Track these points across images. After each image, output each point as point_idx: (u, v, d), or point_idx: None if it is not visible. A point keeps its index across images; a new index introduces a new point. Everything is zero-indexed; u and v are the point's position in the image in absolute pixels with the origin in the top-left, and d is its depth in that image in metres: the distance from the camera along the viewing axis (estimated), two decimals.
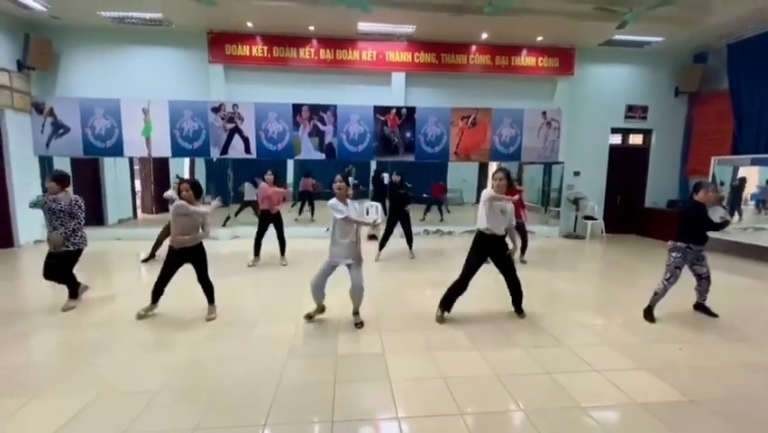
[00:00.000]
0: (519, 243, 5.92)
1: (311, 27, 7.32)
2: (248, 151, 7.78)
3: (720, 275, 5.81)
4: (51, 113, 7.31)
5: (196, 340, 3.35)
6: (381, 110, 7.99)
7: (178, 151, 7.67)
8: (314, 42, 7.71)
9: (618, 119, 8.74)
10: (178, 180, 5.17)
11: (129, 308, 3.86)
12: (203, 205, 3.82)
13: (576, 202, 8.63)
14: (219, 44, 7.55)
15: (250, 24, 7.23)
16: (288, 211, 8.79)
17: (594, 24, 6.86)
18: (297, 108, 7.79)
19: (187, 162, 8.96)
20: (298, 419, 2.33)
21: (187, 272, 3.81)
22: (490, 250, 3.75)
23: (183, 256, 3.74)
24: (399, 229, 6.36)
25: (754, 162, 7.03)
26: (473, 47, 8.05)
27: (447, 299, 3.79)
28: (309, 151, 7.93)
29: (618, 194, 8.98)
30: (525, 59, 8.19)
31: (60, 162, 7.57)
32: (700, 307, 4.05)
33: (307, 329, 3.58)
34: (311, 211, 9.10)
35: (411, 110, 8.05)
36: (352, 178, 8.84)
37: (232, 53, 7.61)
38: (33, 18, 6.91)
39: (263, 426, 2.25)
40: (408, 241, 6.42)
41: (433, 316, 3.82)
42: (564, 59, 8.26)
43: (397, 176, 6.44)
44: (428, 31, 7.46)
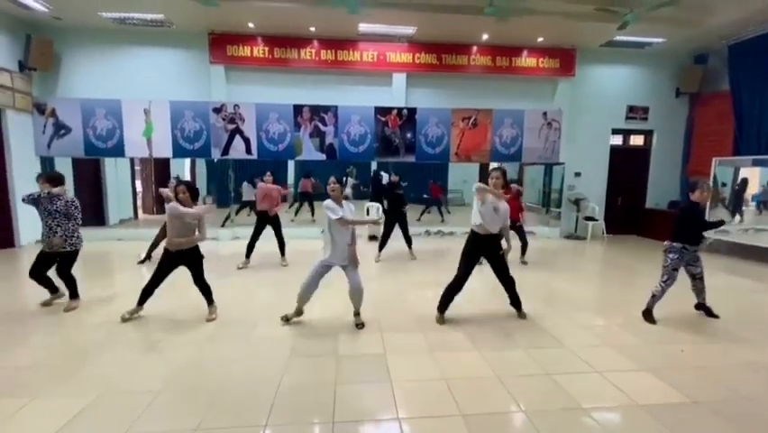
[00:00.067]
0: (513, 243, 5.93)
1: (312, 28, 7.34)
2: (249, 151, 7.79)
3: (721, 276, 5.83)
4: (53, 113, 7.32)
5: (197, 340, 3.35)
6: (382, 111, 8.00)
7: (179, 151, 7.67)
8: (315, 43, 7.72)
9: (619, 120, 8.74)
10: (175, 181, 5.12)
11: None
12: (197, 206, 3.78)
13: (577, 203, 8.63)
14: (220, 45, 7.57)
15: (251, 25, 7.25)
16: (286, 212, 8.80)
17: (595, 25, 6.87)
18: (298, 109, 7.80)
19: (187, 163, 8.98)
20: (299, 419, 2.32)
21: (186, 273, 3.81)
22: (484, 249, 3.76)
23: (178, 258, 3.70)
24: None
25: (755, 163, 7.03)
26: (474, 48, 8.05)
27: (444, 300, 3.80)
28: (310, 151, 7.94)
29: (619, 195, 8.98)
30: (526, 59, 8.20)
31: (62, 163, 7.58)
32: (702, 307, 4.04)
33: (308, 330, 3.58)
34: (311, 212, 9.11)
35: (412, 111, 8.06)
36: (353, 178, 8.84)
37: (233, 54, 7.62)
38: (35, 19, 6.93)
39: (264, 426, 2.25)
40: (407, 242, 6.41)
41: (433, 316, 3.82)
42: (565, 59, 8.26)
43: (395, 176, 6.45)
44: (429, 32, 7.47)
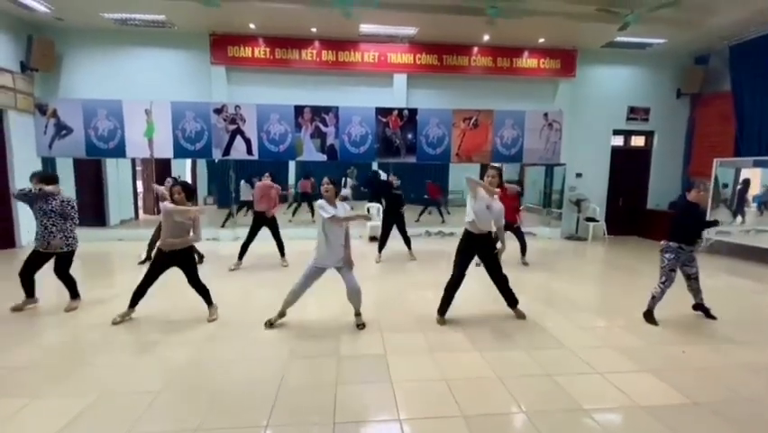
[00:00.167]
0: (513, 245, 5.95)
1: (313, 29, 7.34)
2: (250, 152, 7.79)
3: (722, 277, 5.81)
4: (54, 114, 7.33)
5: (197, 341, 3.35)
6: (383, 111, 8.00)
7: (180, 152, 7.68)
8: (316, 44, 7.73)
9: (620, 121, 8.73)
10: (172, 181, 5.08)
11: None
12: (192, 206, 3.74)
13: (578, 204, 8.62)
14: (221, 46, 7.58)
15: (252, 26, 7.25)
16: (284, 213, 8.80)
17: (596, 26, 6.87)
18: (299, 110, 7.80)
19: (188, 164, 9.00)
20: (300, 420, 2.32)
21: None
22: (478, 248, 3.76)
23: (171, 259, 3.68)
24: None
25: (756, 164, 7.02)
26: (475, 48, 8.05)
27: (444, 302, 3.80)
28: (311, 152, 7.94)
29: (620, 196, 8.97)
30: (527, 60, 8.19)
31: (63, 163, 7.60)
32: (700, 307, 4.03)
33: (308, 330, 3.58)
34: (311, 212, 9.11)
35: (413, 111, 8.06)
36: (352, 180, 8.85)
37: (234, 55, 7.63)
38: (36, 20, 6.95)
39: (265, 427, 2.25)
40: (406, 243, 6.39)
41: (434, 317, 3.82)
42: (566, 60, 8.26)
43: (393, 176, 6.44)
44: (430, 32, 7.47)
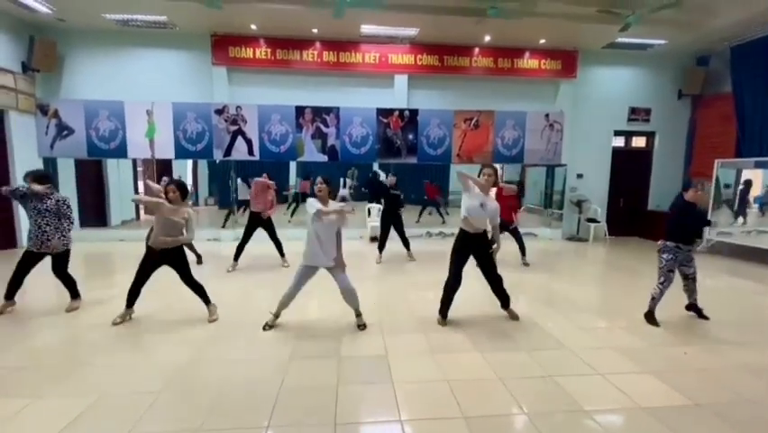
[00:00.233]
0: (511, 246, 5.95)
1: (314, 30, 7.35)
2: (251, 152, 7.80)
3: (723, 278, 5.81)
4: (56, 114, 7.35)
5: (198, 341, 3.35)
6: (384, 112, 8.00)
7: (181, 152, 7.69)
8: (317, 45, 7.73)
9: (621, 122, 8.73)
10: (167, 180, 5.05)
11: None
12: (187, 206, 3.72)
13: (579, 205, 8.61)
14: (223, 47, 7.59)
15: (253, 27, 7.26)
16: (284, 213, 8.79)
17: (597, 27, 6.87)
18: (300, 110, 7.81)
19: (190, 164, 9.00)
20: (301, 421, 2.32)
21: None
22: (473, 247, 3.74)
23: (162, 258, 3.65)
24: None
25: (757, 165, 7.01)
26: (476, 49, 8.05)
27: (444, 303, 3.79)
28: (312, 153, 7.94)
29: (621, 196, 8.96)
30: (528, 61, 8.19)
31: (64, 164, 7.62)
32: (693, 307, 4.01)
33: (309, 331, 3.58)
34: None
35: (414, 112, 8.06)
36: (351, 180, 8.84)
37: (235, 55, 7.64)
38: (38, 20, 6.96)
39: (266, 428, 2.25)
40: (404, 243, 6.37)
41: (435, 317, 3.81)
42: (567, 61, 8.26)
43: (392, 177, 6.43)
44: (431, 33, 7.47)
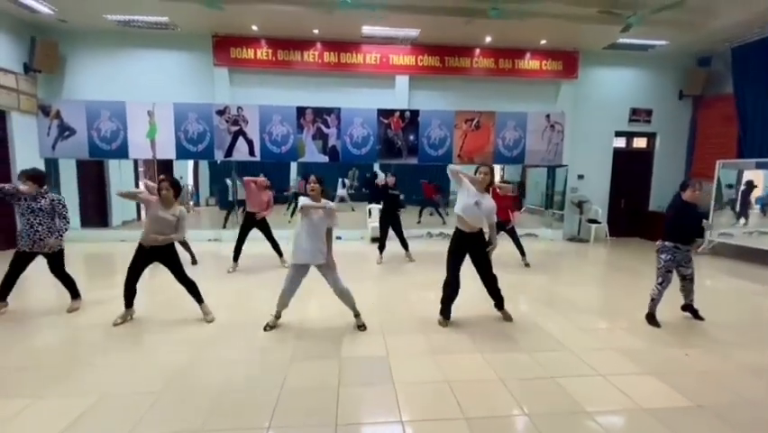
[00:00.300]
0: (509, 248, 5.94)
1: (315, 30, 7.36)
2: (252, 153, 7.80)
3: (725, 279, 5.81)
4: (57, 115, 7.37)
5: (199, 341, 3.35)
6: (385, 113, 8.01)
7: (182, 153, 7.70)
8: (318, 46, 7.74)
9: (623, 122, 8.72)
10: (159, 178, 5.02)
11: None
12: (180, 205, 3.70)
13: (580, 205, 8.60)
14: (224, 47, 7.60)
15: (255, 28, 7.27)
16: (284, 214, 8.79)
17: (598, 28, 6.87)
18: (301, 111, 7.82)
19: (191, 165, 9.01)
20: (302, 421, 2.32)
21: (189, 274, 3.82)
22: (469, 246, 3.70)
23: (151, 255, 3.64)
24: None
25: (758, 166, 7.00)
26: (477, 50, 8.05)
27: (444, 304, 3.79)
28: (313, 153, 7.95)
29: (622, 197, 8.95)
30: (529, 62, 8.19)
31: (66, 164, 7.64)
32: (688, 308, 3.99)
33: (310, 332, 3.58)
34: None
35: (415, 113, 8.06)
36: (353, 180, 8.83)
37: (236, 56, 7.65)
38: (40, 21, 6.98)
39: (267, 429, 2.25)
40: (402, 244, 6.34)
41: (436, 318, 3.81)
42: (568, 62, 8.25)
43: (391, 177, 6.43)
44: (432, 34, 7.48)
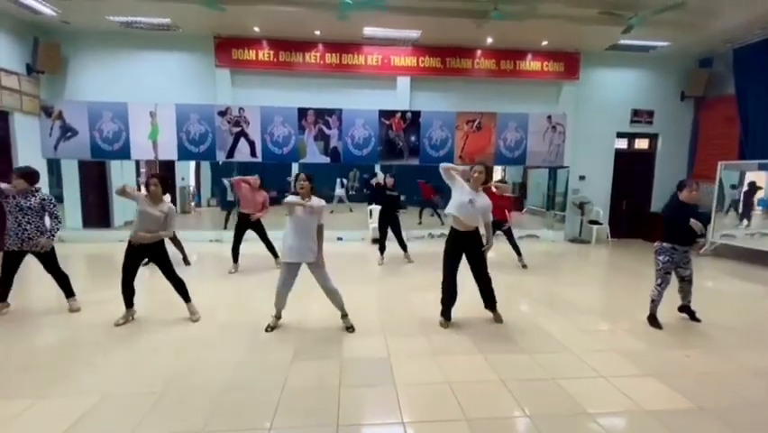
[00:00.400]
0: (494, 242, 5.91)
1: (317, 32, 7.37)
2: (254, 154, 7.82)
3: (727, 280, 5.80)
4: (60, 116, 7.39)
5: (199, 342, 3.36)
6: (386, 114, 8.01)
7: (184, 154, 7.72)
8: (319, 47, 7.75)
9: (624, 123, 8.71)
10: (149, 175, 4.91)
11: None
12: (166, 203, 3.70)
13: (581, 206, 8.59)
14: (226, 49, 7.62)
15: (256, 29, 7.29)
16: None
17: (599, 29, 6.86)
18: (303, 112, 7.83)
19: (192, 166, 9.04)
20: (303, 422, 2.32)
21: (188, 275, 3.83)
22: (464, 246, 3.68)
23: (142, 252, 3.65)
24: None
25: (761, 167, 6.99)
26: (478, 51, 8.06)
27: (444, 306, 3.78)
28: (314, 154, 7.96)
29: (624, 199, 8.93)
30: (530, 63, 8.19)
31: (68, 165, 7.66)
32: (686, 309, 3.98)
33: (311, 333, 3.58)
34: None
35: (416, 114, 8.06)
36: (353, 181, 8.84)
37: (238, 57, 7.67)
38: (43, 22, 7.00)
39: (268, 429, 2.25)
40: (401, 245, 6.32)
41: (437, 319, 3.81)
42: (569, 63, 8.25)
43: (390, 177, 6.43)
44: (433, 35, 7.48)
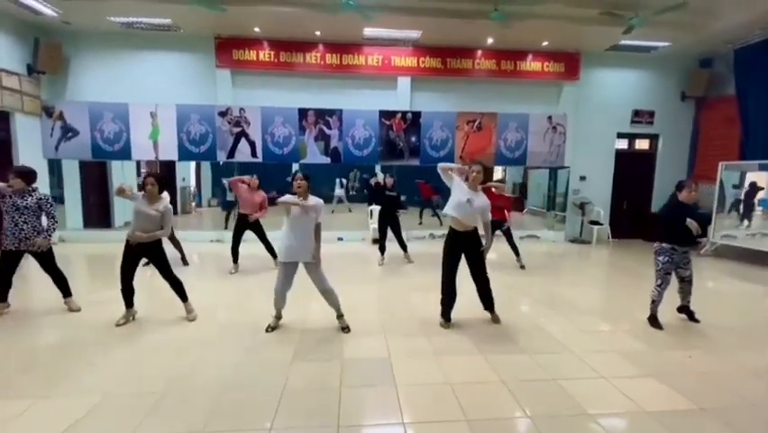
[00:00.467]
0: (492, 242, 5.90)
1: (317, 32, 7.37)
2: (254, 154, 7.82)
3: (727, 280, 5.80)
4: (61, 116, 7.40)
5: (200, 342, 3.36)
6: (387, 114, 8.02)
7: (185, 154, 7.72)
8: (320, 47, 7.76)
9: (625, 124, 8.71)
10: (145, 174, 4.99)
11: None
12: (162, 202, 3.68)
13: (582, 207, 8.59)
14: (226, 49, 7.63)
15: (257, 30, 7.29)
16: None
17: (600, 29, 6.87)
18: (303, 113, 7.83)
19: (193, 166, 9.05)
20: (304, 423, 2.33)
21: (189, 274, 3.83)
22: (463, 246, 3.67)
23: (140, 252, 3.65)
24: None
25: (761, 168, 6.98)
26: (479, 52, 8.06)
27: (444, 306, 3.78)
28: (315, 155, 7.97)
29: (625, 199, 8.93)
30: (531, 63, 8.19)
31: (69, 165, 7.67)
32: (685, 310, 3.98)
33: (312, 333, 3.58)
34: None
35: (416, 114, 8.07)
36: (354, 181, 8.84)
37: (239, 58, 7.68)
38: (44, 23, 7.01)
39: (269, 430, 2.25)
40: (401, 246, 6.32)
41: (437, 320, 3.80)
42: (570, 63, 8.25)
43: (390, 178, 6.43)
44: (434, 36, 7.49)
